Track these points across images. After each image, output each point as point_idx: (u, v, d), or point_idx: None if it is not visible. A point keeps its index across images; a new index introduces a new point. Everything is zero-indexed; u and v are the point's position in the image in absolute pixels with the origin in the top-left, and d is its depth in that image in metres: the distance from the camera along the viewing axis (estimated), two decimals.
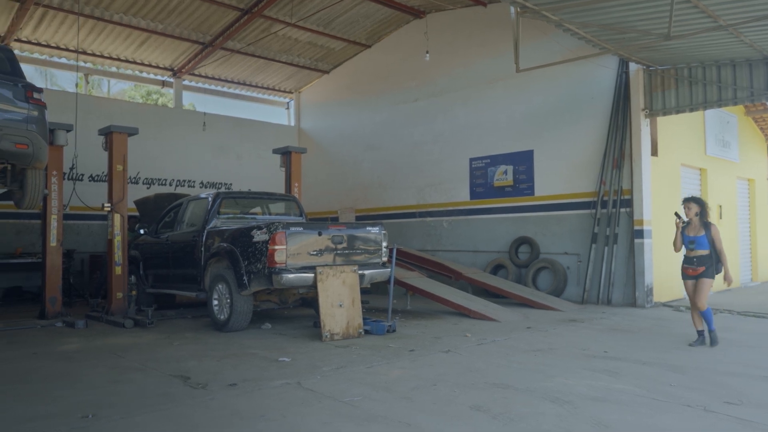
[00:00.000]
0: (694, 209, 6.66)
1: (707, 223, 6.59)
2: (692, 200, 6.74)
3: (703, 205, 6.68)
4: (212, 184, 14.64)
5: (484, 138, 12.09)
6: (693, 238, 6.62)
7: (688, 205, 6.71)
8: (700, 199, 6.76)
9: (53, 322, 8.40)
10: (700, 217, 6.63)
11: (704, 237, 6.55)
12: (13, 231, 11.96)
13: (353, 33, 13.85)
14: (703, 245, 6.54)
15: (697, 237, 6.58)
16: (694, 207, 6.67)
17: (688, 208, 6.69)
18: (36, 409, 4.20)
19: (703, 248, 6.54)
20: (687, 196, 6.89)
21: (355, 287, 7.33)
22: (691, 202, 6.71)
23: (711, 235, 6.54)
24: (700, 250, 6.55)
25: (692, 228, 6.66)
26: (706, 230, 6.57)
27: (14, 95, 6.82)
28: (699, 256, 6.55)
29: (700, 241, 6.56)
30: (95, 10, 11.51)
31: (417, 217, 13.28)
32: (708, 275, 6.53)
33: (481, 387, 4.75)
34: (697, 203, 6.69)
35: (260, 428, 3.78)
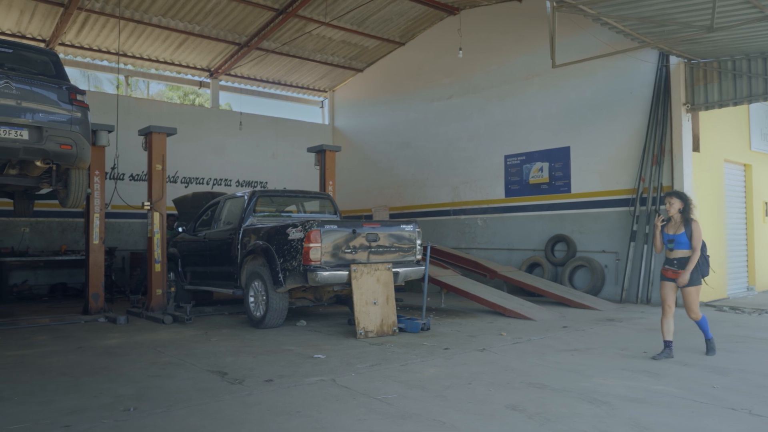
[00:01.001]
0: (676, 205, 5.95)
1: (689, 220, 5.89)
2: (674, 195, 6.03)
3: (686, 200, 5.98)
4: (248, 183, 14.84)
5: (520, 135, 11.95)
6: (672, 237, 5.91)
7: (670, 200, 6.01)
8: (683, 194, 6.07)
9: (96, 318, 8.65)
10: (682, 213, 5.94)
11: (684, 235, 5.85)
12: (58, 229, 12.35)
13: (387, 31, 13.85)
14: (684, 245, 5.85)
15: (677, 235, 5.88)
16: (676, 202, 5.96)
17: (669, 204, 5.99)
18: (81, 401, 4.33)
19: (683, 248, 5.85)
20: (669, 191, 6.22)
21: (389, 285, 7.34)
22: (673, 197, 6.01)
23: (690, 232, 5.82)
24: (679, 251, 5.85)
25: (672, 225, 5.98)
26: (686, 227, 5.86)
27: (59, 97, 7.03)
28: (680, 258, 5.85)
29: (679, 240, 5.87)
30: (135, 13, 11.79)
31: (451, 215, 13.22)
32: (692, 282, 5.81)
33: (517, 386, 4.70)
34: (680, 198, 5.99)
35: (296, 424, 3.82)
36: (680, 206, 5.94)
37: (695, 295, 5.86)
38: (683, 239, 5.86)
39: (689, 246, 5.82)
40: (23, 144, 6.74)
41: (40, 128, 6.82)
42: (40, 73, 7.26)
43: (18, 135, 6.68)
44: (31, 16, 11.48)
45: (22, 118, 6.70)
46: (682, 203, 5.96)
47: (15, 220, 11.59)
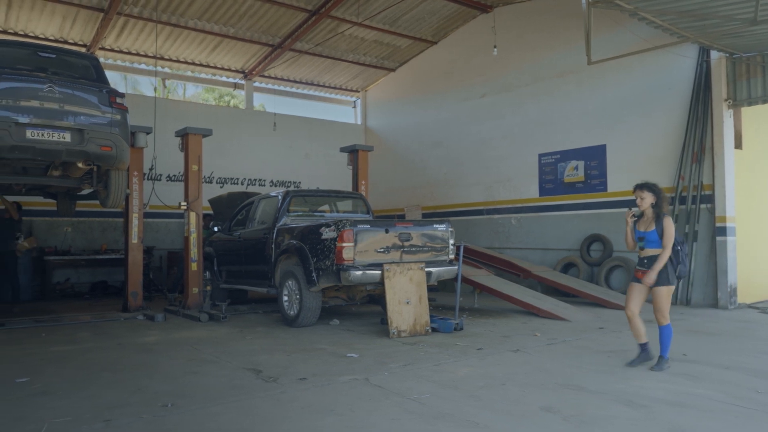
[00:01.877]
0: (648, 199, 5.38)
1: (660, 216, 5.34)
2: (646, 188, 5.43)
3: (659, 194, 5.40)
4: (282, 183, 14.99)
5: (554, 133, 11.79)
6: (643, 234, 5.39)
7: (641, 194, 5.42)
8: (654, 186, 5.45)
9: (135, 315, 8.85)
10: (654, 208, 5.38)
11: (654, 232, 5.32)
12: (99, 229, 12.69)
13: (419, 30, 13.82)
14: (655, 243, 5.32)
15: (648, 233, 5.35)
16: (648, 197, 5.39)
17: (641, 198, 5.42)
18: (121, 397, 4.44)
19: (654, 246, 5.32)
20: (639, 182, 5.55)
21: (422, 284, 7.32)
22: (645, 191, 5.42)
23: (661, 229, 5.28)
24: (650, 249, 5.34)
25: (644, 221, 5.44)
26: (657, 224, 5.32)
27: (99, 101, 7.23)
28: (650, 256, 5.34)
29: (650, 238, 5.33)
30: (171, 17, 12.02)
31: (484, 215, 13.12)
32: (662, 282, 5.29)
33: (552, 388, 4.64)
34: (652, 191, 5.40)
35: (329, 422, 3.85)
36: (652, 200, 5.40)
37: (666, 296, 5.33)
38: (654, 237, 5.33)
39: (660, 245, 5.31)
40: (66, 146, 6.95)
41: (82, 131, 7.02)
42: (82, 77, 7.48)
43: (61, 137, 6.89)
44: (73, 22, 11.81)
45: (65, 121, 6.92)
46: (654, 197, 5.40)
47: (58, 220, 11.95)
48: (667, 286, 5.32)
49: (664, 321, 5.36)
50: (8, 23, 11.60)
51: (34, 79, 6.86)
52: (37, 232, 11.77)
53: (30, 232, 11.44)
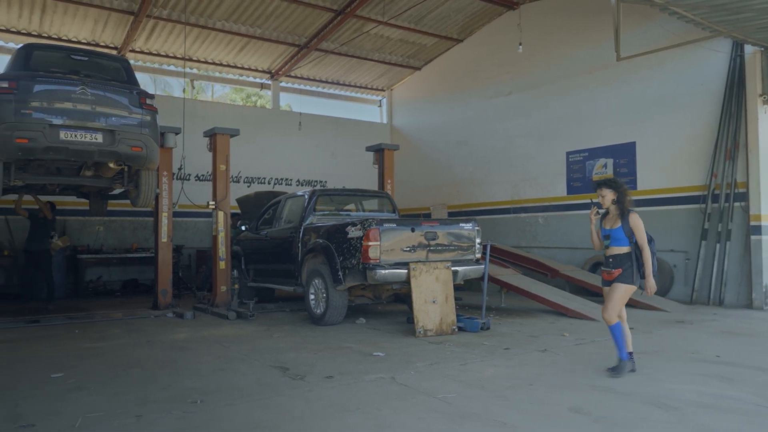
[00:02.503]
0: (608, 196, 5.17)
1: (625, 212, 5.10)
2: (605, 184, 5.23)
3: (619, 188, 5.16)
4: (308, 182, 15.08)
5: (582, 130, 11.63)
6: (608, 232, 5.14)
7: (601, 191, 5.23)
8: (615, 181, 5.24)
9: (165, 313, 8.99)
10: (617, 204, 5.16)
11: (620, 230, 5.06)
12: (129, 228, 12.92)
13: (445, 28, 13.77)
14: (620, 241, 5.05)
15: (612, 230, 5.10)
16: (608, 193, 5.17)
17: (601, 196, 5.21)
18: (151, 393, 4.52)
19: (620, 244, 5.05)
20: (599, 179, 5.26)
21: (448, 284, 7.30)
22: (604, 188, 5.22)
23: (629, 227, 5.04)
24: (616, 248, 5.06)
25: (609, 219, 5.20)
26: (623, 220, 5.07)
27: (130, 102, 7.37)
28: (615, 255, 5.07)
29: (615, 236, 5.08)
30: (200, 18, 12.18)
31: (511, 213, 13.02)
32: (624, 279, 4.98)
33: (580, 388, 4.58)
34: (612, 187, 5.18)
35: (356, 420, 3.86)
36: (613, 197, 5.16)
37: (623, 294, 5.01)
38: (619, 235, 5.07)
39: (627, 242, 5.04)
40: (98, 147, 7.10)
41: (113, 132, 7.16)
42: (113, 78, 7.63)
43: (93, 138, 7.05)
44: (104, 26, 12.05)
45: (97, 122, 7.07)
46: (614, 193, 5.16)
47: (90, 219, 12.20)
48: (627, 285, 5.01)
49: (612, 320, 5.03)
50: (43, 27, 11.89)
51: (68, 82, 7.03)
52: (70, 231, 12.04)
53: (64, 231, 11.71)
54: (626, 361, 5.01)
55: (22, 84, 6.80)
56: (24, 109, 6.71)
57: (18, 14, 11.40)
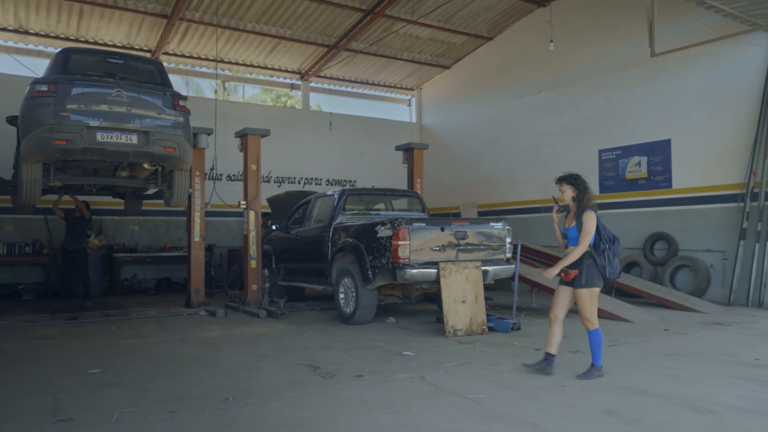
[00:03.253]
0: (568, 193, 4.93)
1: (582, 210, 4.86)
2: (565, 180, 4.97)
3: (579, 185, 4.91)
4: (337, 182, 15.15)
5: (615, 128, 11.44)
6: (566, 231, 4.94)
7: (561, 187, 4.98)
8: (575, 178, 4.96)
9: (197, 311, 9.14)
10: (576, 202, 4.91)
11: (575, 229, 4.85)
12: (163, 227, 13.17)
13: (474, 26, 13.68)
14: (575, 240, 4.85)
15: (569, 229, 4.90)
16: (567, 190, 4.94)
17: (561, 192, 4.98)
18: (185, 389, 4.60)
19: (575, 244, 4.85)
20: (561, 175, 5.05)
21: (478, 283, 7.25)
22: (563, 183, 4.97)
23: (580, 224, 4.79)
24: (572, 247, 4.87)
25: (569, 217, 4.98)
26: (577, 219, 4.84)
27: (163, 103, 7.51)
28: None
29: (571, 235, 4.88)
30: (231, 20, 12.34)
31: (542, 212, 12.85)
32: (584, 284, 4.80)
33: (613, 390, 4.51)
34: (572, 183, 4.92)
35: (386, 420, 3.86)
36: (573, 194, 4.92)
37: (588, 299, 4.85)
38: (574, 234, 4.86)
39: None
40: (133, 148, 7.25)
41: (147, 133, 7.30)
42: (147, 81, 7.79)
43: (128, 139, 7.20)
44: (139, 29, 12.30)
45: (132, 123, 7.22)
46: (574, 190, 4.91)
47: (125, 219, 12.47)
48: (590, 289, 4.83)
49: (591, 326, 4.88)
50: (80, 32, 12.19)
51: (104, 84, 7.20)
52: (106, 230, 12.32)
53: (100, 230, 11.99)
54: (598, 369, 4.86)
55: (60, 87, 6.98)
56: (62, 112, 6.88)
57: (57, 19, 11.71)
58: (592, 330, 4.89)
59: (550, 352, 5.00)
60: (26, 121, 7.02)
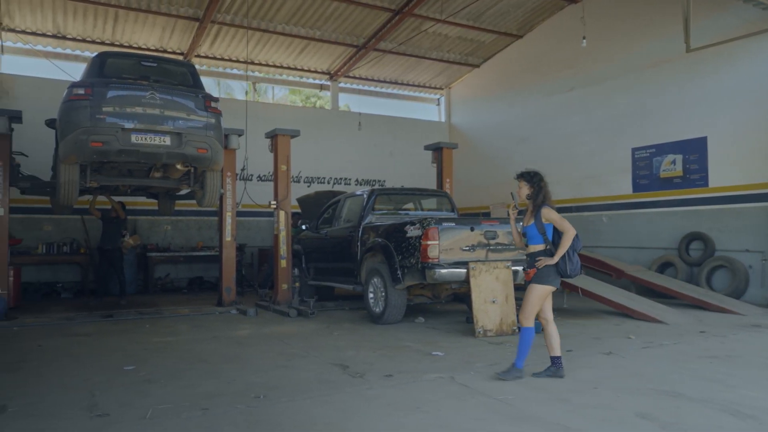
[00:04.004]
0: (524, 190, 4.87)
1: (538, 207, 4.78)
2: (522, 177, 4.89)
3: (536, 181, 4.82)
4: (366, 181, 15.18)
5: (649, 126, 11.21)
6: (524, 230, 4.89)
7: (519, 183, 4.91)
8: (532, 174, 4.86)
9: (228, 310, 9.26)
10: (531, 200, 4.84)
11: (533, 227, 4.78)
12: (195, 227, 13.38)
13: (504, 24, 13.57)
14: (534, 239, 4.79)
15: (527, 228, 4.85)
16: (524, 187, 4.87)
17: (519, 188, 4.91)
18: (217, 387, 4.66)
19: (534, 242, 4.79)
20: (521, 171, 4.97)
21: (508, 283, 7.19)
22: (521, 179, 4.89)
23: (542, 223, 4.73)
24: (533, 246, 4.80)
25: (527, 215, 4.92)
26: (535, 217, 4.76)
27: (196, 105, 7.62)
28: (532, 253, 4.81)
29: (530, 234, 4.82)
30: (261, 22, 12.48)
31: (573, 212, 12.69)
32: (538, 280, 4.71)
33: (647, 393, 4.42)
34: (528, 180, 4.84)
35: (416, 419, 3.86)
36: (528, 191, 4.85)
37: (538, 296, 4.75)
38: (533, 232, 4.80)
39: (541, 240, 4.77)
40: (166, 149, 7.38)
41: (180, 134, 7.42)
42: (180, 83, 7.92)
43: (162, 141, 7.33)
44: (171, 32, 12.52)
45: (165, 125, 7.34)
46: (530, 187, 4.83)
47: (159, 219, 12.70)
48: (545, 286, 4.75)
49: (527, 323, 4.78)
50: (115, 36, 12.46)
51: (138, 87, 7.34)
52: (140, 230, 12.57)
53: (134, 230, 12.24)
54: (519, 369, 4.77)
55: (96, 90, 7.15)
56: (98, 114, 7.04)
57: (93, 24, 12.00)
58: (526, 328, 4.80)
59: (553, 355, 4.91)
60: (64, 124, 7.20)
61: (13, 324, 7.83)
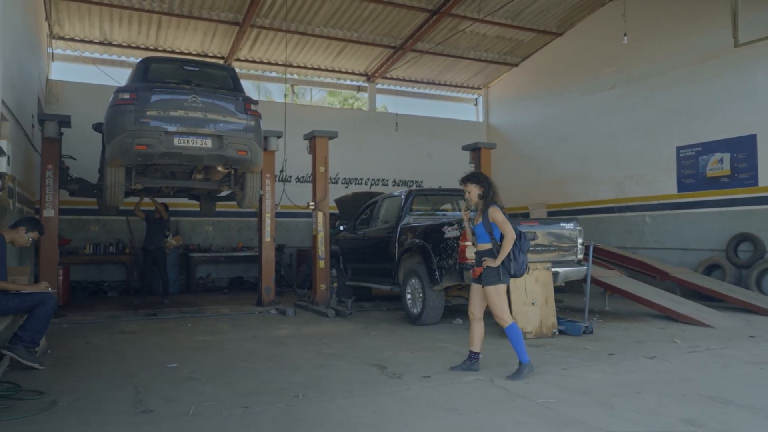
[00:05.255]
0: (474, 191, 5.02)
1: (487, 205, 4.93)
2: (469, 179, 5.05)
3: (484, 182, 4.99)
4: (404, 182, 15.17)
5: (694, 124, 10.89)
6: (474, 229, 5.06)
7: (465, 187, 5.06)
8: (479, 176, 5.06)
9: (268, 310, 9.38)
10: (483, 198, 4.98)
11: (480, 226, 4.94)
12: (235, 228, 13.60)
13: (543, 22, 13.38)
14: (482, 237, 4.95)
15: (475, 227, 5.02)
16: (473, 189, 5.02)
17: (467, 192, 5.06)
18: (257, 385, 4.73)
19: (482, 241, 4.96)
20: (464, 175, 5.13)
21: (548, 285, 7.09)
22: (468, 183, 5.04)
23: (488, 222, 4.86)
24: (480, 245, 4.98)
25: (477, 215, 5.06)
26: (483, 217, 4.92)
27: (236, 108, 7.75)
28: (478, 252, 5.00)
29: (478, 233, 4.99)
30: (299, 25, 12.61)
31: (615, 212, 12.43)
32: (488, 281, 4.86)
33: (694, 399, 4.29)
34: (477, 182, 5.00)
35: (453, 421, 3.83)
36: (479, 192, 5.01)
37: (495, 296, 4.89)
38: (480, 231, 4.96)
39: (488, 239, 4.91)
40: (207, 151, 7.52)
41: (221, 137, 7.56)
42: (221, 86, 8.06)
43: (203, 144, 7.47)
44: (212, 37, 12.77)
45: (207, 128, 7.48)
46: (480, 188, 5.00)
47: (200, 219, 12.96)
48: (495, 286, 4.89)
49: (504, 323, 4.92)
50: (159, 41, 12.79)
51: (181, 91, 7.50)
52: (182, 231, 12.85)
53: (177, 230, 12.52)
54: (527, 364, 4.89)
55: (141, 95, 7.34)
56: (143, 118, 7.23)
57: (137, 31, 12.34)
58: (508, 327, 4.92)
59: (473, 350, 5.14)
60: (110, 128, 7.41)
61: (62, 321, 8.11)
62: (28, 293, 5.30)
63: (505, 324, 4.94)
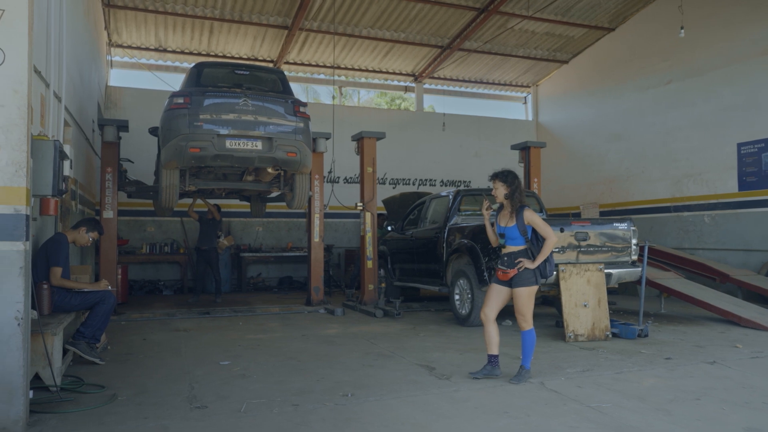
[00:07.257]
0: (500, 190, 4.92)
1: (520, 207, 4.83)
2: (497, 177, 4.96)
3: (512, 182, 4.88)
4: (452, 182, 15.09)
5: (756, 119, 10.42)
6: (503, 230, 4.91)
7: (494, 184, 4.97)
8: (508, 174, 4.94)
9: (317, 309, 9.48)
10: (510, 200, 4.89)
11: (515, 228, 4.81)
12: (285, 228, 13.82)
13: (594, 17, 13.06)
14: (516, 240, 4.82)
15: (507, 228, 4.87)
16: (500, 187, 4.92)
17: (495, 189, 4.96)
18: (307, 384, 4.79)
19: (515, 243, 4.82)
20: (495, 171, 5.04)
21: (601, 287, 6.91)
22: (496, 180, 4.96)
23: (524, 225, 4.78)
24: (511, 246, 4.84)
25: (504, 216, 4.96)
26: (518, 217, 4.80)
27: (285, 111, 7.87)
28: (511, 252, 4.83)
29: (510, 235, 4.85)
30: (347, 27, 12.71)
31: (671, 212, 12.02)
32: (523, 282, 4.74)
33: (759, 407, 4.10)
34: (505, 181, 4.90)
35: (504, 424, 3.78)
36: (506, 191, 4.90)
37: (527, 298, 4.78)
38: (514, 234, 4.83)
39: (523, 241, 4.80)
40: (258, 153, 7.66)
41: (271, 139, 7.69)
42: (270, 89, 8.20)
43: (254, 146, 7.62)
44: (262, 41, 13.02)
45: (257, 130, 7.63)
46: (507, 188, 4.89)
47: (251, 220, 13.24)
48: (529, 287, 4.79)
49: (527, 325, 4.84)
50: (211, 46, 13.13)
51: (232, 95, 7.67)
52: (234, 231, 13.14)
53: (229, 231, 12.82)
54: (528, 370, 4.83)
55: (194, 99, 7.54)
56: (196, 122, 7.43)
57: (191, 37, 12.70)
58: (527, 330, 4.86)
59: (492, 353, 4.96)
60: (165, 132, 7.65)
61: (120, 318, 8.41)
62: (89, 291, 5.52)
63: (527, 327, 4.86)
